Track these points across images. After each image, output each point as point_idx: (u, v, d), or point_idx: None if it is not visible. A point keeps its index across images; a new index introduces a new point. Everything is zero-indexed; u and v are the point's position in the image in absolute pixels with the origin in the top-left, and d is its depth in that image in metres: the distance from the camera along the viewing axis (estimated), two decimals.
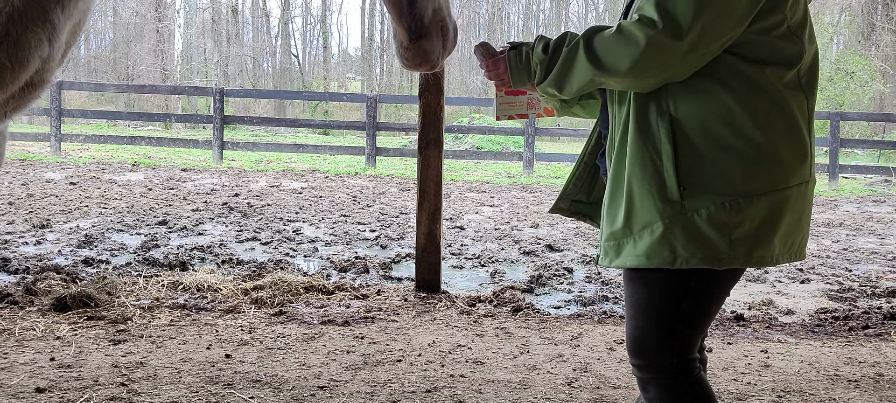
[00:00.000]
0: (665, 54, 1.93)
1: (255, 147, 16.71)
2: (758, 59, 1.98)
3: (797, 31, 2.00)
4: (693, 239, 1.99)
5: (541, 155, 16.10)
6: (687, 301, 2.07)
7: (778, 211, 2.01)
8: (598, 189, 2.42)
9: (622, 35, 1.97)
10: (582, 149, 2.42)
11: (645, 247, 2.03)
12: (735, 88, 1.98)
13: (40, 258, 6.34)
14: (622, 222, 2.07)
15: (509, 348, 4.38)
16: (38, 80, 1.86)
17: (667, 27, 1.91)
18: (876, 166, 17.12)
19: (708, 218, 1.98)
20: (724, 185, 1.98)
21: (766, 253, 2.03)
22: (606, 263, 2.15)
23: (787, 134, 2.01)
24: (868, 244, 8.64)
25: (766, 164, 1.99)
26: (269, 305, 5.08)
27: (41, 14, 1.77)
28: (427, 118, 5.58)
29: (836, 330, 4.98)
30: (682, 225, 1.99)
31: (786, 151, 2.00)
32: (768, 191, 1.99)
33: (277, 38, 37.54)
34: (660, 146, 2.01)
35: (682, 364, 2.10)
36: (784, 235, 2.05)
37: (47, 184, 11.27)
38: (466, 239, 8.09)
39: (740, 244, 1.99)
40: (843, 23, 27.54)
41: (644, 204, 2.03)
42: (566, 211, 2.45)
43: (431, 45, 2.09)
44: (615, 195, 2.11)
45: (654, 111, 2.03)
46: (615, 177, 2.11)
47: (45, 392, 3.49)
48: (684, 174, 1.99)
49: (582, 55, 2.02)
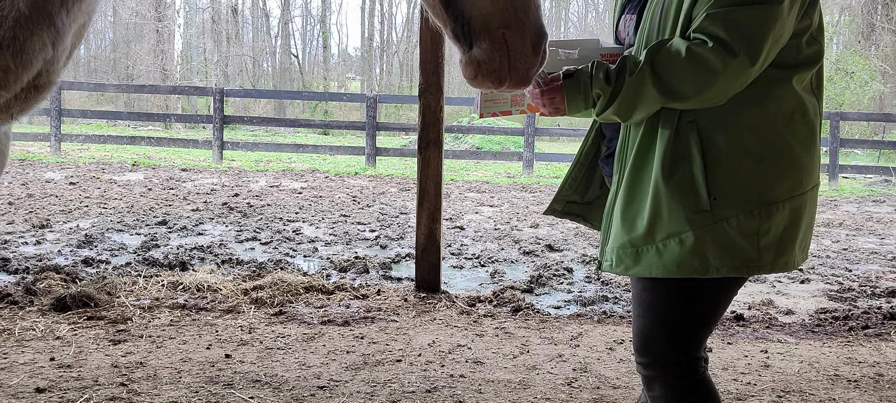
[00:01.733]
0: (741, 78, 1.91)
1: (255, 147, 16.71)
2: (785, 65, 1.97)
3: (818, 35, 2.01)
4: (723, 248, 1.98)
5: (541, 155, 16.10)
6: (698, 302, 2.06)
7: (798, 216, 2.03)
8: (592, 190, 2.40)
9: (695, 60, 1.89)
10: (578, 151, 2.40)
11: (673, 258, 2.00)
12: (762, 95, 1.97)
13: (40, 258, 6.34)
14: (644, 230, 2.03)
15: (509, 348, 4.38)
16: (43, 83, 1.87)
17: (744, 52, 1.87)
18: (876, 166, 17.12)
19: (738, 227, 1.97)
20: (752, 193, 1.97)
21: (790, 259, 2.04)
22: (621, 270, 2.09)
23: (807, 138, 2.02)
24: (868, 244, 8.64)
25: (790, 170, 1.99)
26: (268, 305, 5.08)
27: (46, 18, 1.78)
28: (427, 118, 5.58)
29: (836, 330, 4.97)
30: (713, 234, 1.97)
31: (805, 156, 2.01)
32: (790, 197, 2.00)
33: (277, 38, 37.57)
34: (689, 154, 1.98)
35: (688, 364, 2.10)
36: (802, 239, 2.07)
37: (47, 184, 11.26)
38: (466, 239, 8.08)
39: (767, 251, 2.00)
40: (843, 23, 27.54)
41: (672, 213, 1.99)
42: (559, 213, 2.43)
43: (484, 54, 1.68)
44: (634, 202, 2.06)
45: (682, 119, 2.00)
46: (633, 183, 2.07)
47: (45, 392, 3.49)
48: (713, 183, 1.97)
49: (650, 84, 1.93)
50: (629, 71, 1.96)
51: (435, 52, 5.48)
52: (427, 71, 5.52)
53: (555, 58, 2.21)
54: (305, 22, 39.60)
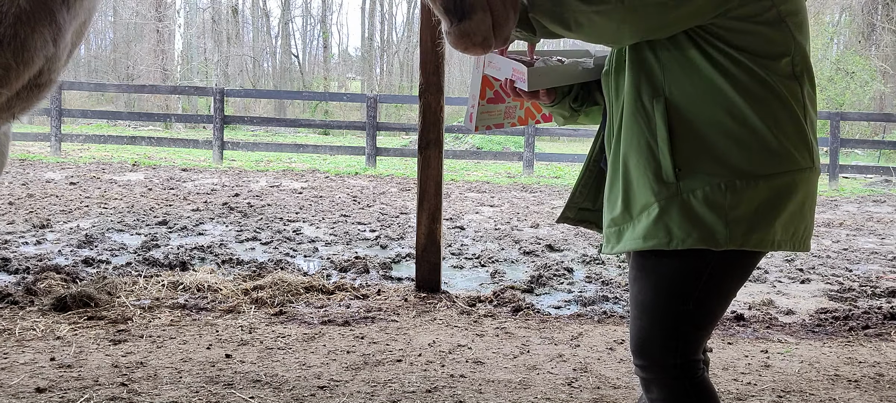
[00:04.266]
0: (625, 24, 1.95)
1: (255, 147, 16.71)
2: (746, 48, 1.98)
3: (786, 18, 2.00)
4: (688, 219, 1.99)
5: (541, 155, 16.10)
6: (693, 302, 2.07)
7: (779, 196, 2.02)
8: (603, 195, 2.41)
9: None
10: (586, 157, 2.41)
11: (642, 229, 2.04)
12: (731, 74, 1.98)
13: (40, 258, 6.34)
14: (621, 207, 2.08)
15: (509, 348, 4.38)
16: (44, 81, 1.86)
17: None
18: (876, 166, 17.12)
19: (704, 199, 1.99)
20: (719, 167, 1.99)
21: (766, 237, 2.02)
22: (608, 250, 2.15)
23: (784, 120, 2.01)
24: (868, 244, 8.64)
25: (764, 148, 1.99)
26: (269, 305, 5.08)
27: (48, 14, 1.77)
28: (427, 118, 5.58)
29: (837, 330, 4.98)
30: (678, 205, 2.00)
31: (783, 137, 2.01)
32: (768, 175, 1.99)
33: (277, 38, 37.55)
34: (655, 128, 2.02)
35: (686, 365, 2.10)
36: (787, 221, 2.04)
37: (47, 183, 11.27)
38: (466, 239, 8.09)
39: (737, 225, 1.99)
40: (843, 23, 27.54)
41: (640, 186, 2.04)
42: (573, 220, 2.44)
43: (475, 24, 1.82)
44: (614, 182, 2.12)
45: (649, 94, 2.03)
46: (613, 165, 2.12)
47: (45, 392, 3.49)
48: (680, 155, 2.00)
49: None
50: None
51: (435, 52, 5.48)
52: (427, 71, 5.52)
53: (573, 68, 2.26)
54: (306, 22, 39.60)
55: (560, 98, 2.34)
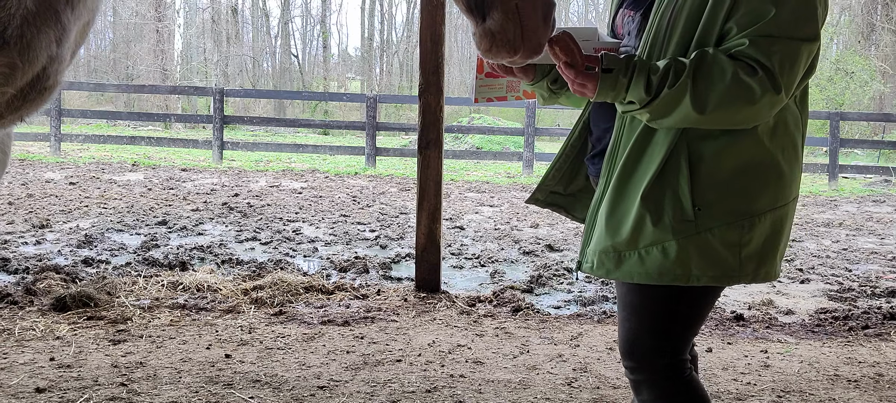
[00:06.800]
0: (771, 112, 1.91)
1: (254, 147, 16.71)
2: None
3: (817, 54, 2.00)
4: (705, 258, 1.98)
5: (541, 155, 16.09)
6: (683, 306, 2.08)
7: (779, 228, 2.04)
8: (577, 182, 2.39)
9: (741, 86, 1.84)
10: (563, 143, 2.38)
11: (656, 266, 2.00)
12: None
13: (40, 258, 6.34)
14: (628, 235, 2.02)
15: (509, 348, 4.38)
16: (50, 85, 1.88)
17: (785, 87, 1.86)
18: (876, 166, 17.12)
19: (720, 238, 1.98)
20: (735, 204, 1.97)
21: (771, 270, 2.05)
22: (602, 273, 2.09)
23: (790, 150, 2.02)
24: (868, 244, 8.64)
25: (774, 182, 2.00)
26: (268, 305, 5.08)
27: (53, 15, 1.80)
28: (427, 118, 5.58)
29: (836, 330, 4.98)
30: (696, 244, 1.98)
31: (787, 168, 2.01)
32: (772, 208, 2.00)
33: (277, 38, 37.55)
34: (677, 165, 1.98)
35: (675, 365, 2.11)
36: (782, 251, 2.09)
37: (47, 184, 11.26)
38: (466, 239, 8.09)
39: (749, 262, 2.00)
40: (843, 23, 27.54)
41: (657, 221, 1.99)
42: (541, 203, 2.42)
43: (498, 25, 1.73)
44: (620, 207, 2.05)
45: (675, 131, 1.98)
46: (621, 187, 2.06)
47: (45, 392, 3.49)
48: (698, 193, 1.97)
49: (688, 100, 1.87)
50: (669, 84, 1.89)
51: (435, 52, 5.48)
52: (427, 71, 5.52)
53: None
54: (305, 22, 39.60)
55: (539, 77, 2.23)
